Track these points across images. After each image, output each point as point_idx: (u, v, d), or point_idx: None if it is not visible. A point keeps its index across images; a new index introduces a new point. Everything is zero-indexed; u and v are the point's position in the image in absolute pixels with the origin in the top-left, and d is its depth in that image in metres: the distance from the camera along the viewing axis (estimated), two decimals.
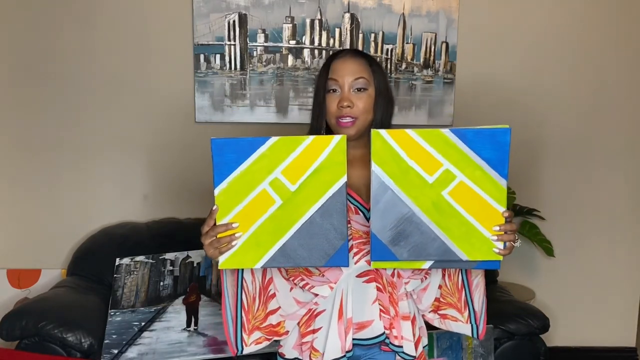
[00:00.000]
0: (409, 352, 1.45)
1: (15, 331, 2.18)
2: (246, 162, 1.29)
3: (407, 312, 1.48)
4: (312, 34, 2.82)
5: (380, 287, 1.44)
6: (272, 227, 1.29)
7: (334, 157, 1.27)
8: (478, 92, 2.91)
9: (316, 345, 1.45)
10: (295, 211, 1.29)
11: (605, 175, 2.99)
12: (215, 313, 2.39)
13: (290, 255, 1.30)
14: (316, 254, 1.29)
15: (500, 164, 1.27)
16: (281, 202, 1.29)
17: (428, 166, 1.27)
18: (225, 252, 1.32)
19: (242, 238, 1.30)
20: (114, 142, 2.82)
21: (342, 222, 1.28)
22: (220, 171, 1.29)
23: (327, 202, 1.28)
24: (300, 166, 1.28)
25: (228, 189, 1.29)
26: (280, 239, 1.29)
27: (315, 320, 1.46)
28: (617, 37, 2.91)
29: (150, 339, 2.29)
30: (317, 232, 1.29)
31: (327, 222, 1.28)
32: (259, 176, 1.29)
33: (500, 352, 2.34)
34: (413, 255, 1.30)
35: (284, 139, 1.29)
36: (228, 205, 1.30)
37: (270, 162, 1.29)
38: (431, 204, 1.28)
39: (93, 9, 2.74)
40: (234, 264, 1.33)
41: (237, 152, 1.29)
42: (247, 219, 1.30)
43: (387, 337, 1.43)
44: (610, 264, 3.04)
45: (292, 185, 1.28)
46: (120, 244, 2.64)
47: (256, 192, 1.29)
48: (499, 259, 1.31)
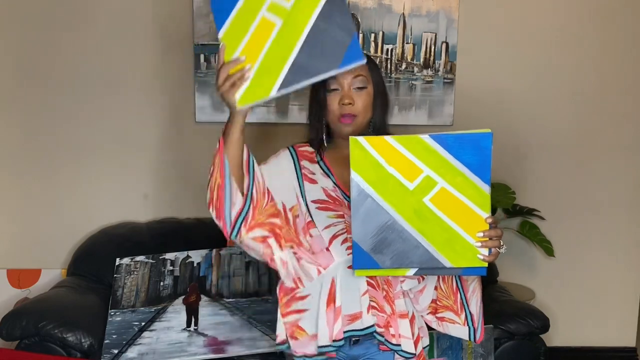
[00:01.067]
0: (407, 349, 1.45)
1: (15, 331, 2.18)
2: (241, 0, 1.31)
3: (404, 310, 1.48)
4: None
5: (372, 283, 1.45)
6: (278, 49, 1.29)
7: None
8: (478, 92, 2.91)
9: (303, 325, 1.45)
10: (297, 25, 1.28)
11: (605, 175, 2.99)
12: (215, 313, 2.39)
13: (303, 69, 1.28)
14: (329, 58, 1.27)
15: (483, 169, 1.25)
16: (281, 22, 1.29)
17: (408, 173, 1.25)
18: (240, 86, 1.31)
19: (252, 69, 1.30)
20: (114, 142, 2.82)
21: (345, 19, 1.27)
22: (220, 16, 1.31)
23: (325, 4, 1.27)
24: None
25: (231, 27, 1.31)
26: (289, 58, 1.28)
27: (298, 303, 1.47)
28: (618, 36, 2.91)
29: (150, 339, 2.29)
30: (324, 37, 1.27)
31: (331, 25, 1.27)
32: (256, 6, 1.30)
33: (500, 352, 2.34)
34: (396, 262, 1.29)
35: None
36: (233, 43, 1.31)
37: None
38: (412, 211, 1.26)
39: (93, 9, 2.74)
40: (250, 98, 1.31)
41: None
42: (253, 50, 1.30)
43: (384, 335, 1.43)
44: (610, 264, 3.04)
45: (287, 3, 1.29)
46: (120, 244, 2.64)
47: (257, 22, 1.30)
48: (484, 265, 1.29)
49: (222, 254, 2.57)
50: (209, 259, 2.56)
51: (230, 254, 2.57)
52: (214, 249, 2.58)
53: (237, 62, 1.31)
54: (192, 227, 2.75)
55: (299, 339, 1.46)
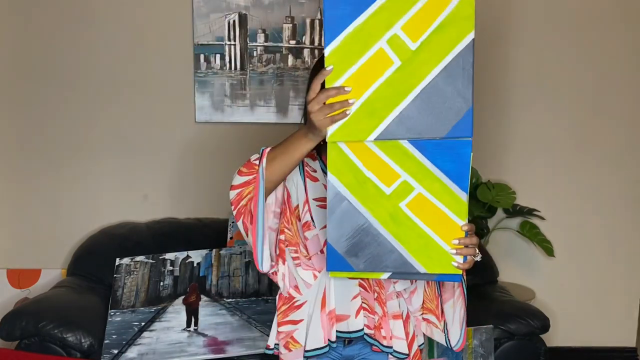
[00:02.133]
0: (400, 350, 1.45)
1: (15, 331, 2.18)
2: (362, 16, 1.14)
3: (397, 311, 1.47)
4: (312, 33, 2.82)
5: (364, 284, 1.44)
6: (388, 92, 1.15)
7: (461, 11, 1.11)
8: (478, 92, 2.89)
9: (296, 336, 1.44)
10: (416, 74, 1.14)
11: (605, 175, 2.99)
12: (215, 313, 2.39)
13: (408, 125, 1.16)
14: (438, 122, 1.15)
15: (461, 177, 1.20)
16: (400, 62, 1.14)
17: (385, 177, 1.21)
18: (334, 122, 1.17)
19: (355, 105, 1.16)
20: (114, 142, 2.82)
21: (467, 86, 1.14)
22: (332, 27, 1.13)
23: (451, 62, 1.13)
24: (423, 21, 1.12)
25: (340, 47, 1.15)
26: (397, 106, 1.15)
27: (296, 312, 1.46)
28: (618, 36, 2.91)
29: (150, 339, 2.29)
30: (439, 98, 1.14)
31: (450, 86, 1.13)
32: (376, 32, 1.13)
33: (500, 352, 2.33)
34: (370, 266, 1.26)
35: None
36: (340, 67, 1.15)
37: (389, 16, 1.13)
38: (388, 216, 1.23)
39: (93, 9, 2.74)
40: (344, 136, 1.18)
41: (352, 3, 1.14)
42: (361, 83, 1.15)
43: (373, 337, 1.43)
44: (610, 264, 3.04)
45: (412, 43, 1.13)
46: (120, 244, 2.64)
47: (372, 52, 1.14)
48: (459, 272, 1.26)
49: (222, 254, 2.57)
50: (209, 259, 2.55)
51: (230, 254, 2.57)
52: (214, 249, 2.58)
53: (340, 92, 1.15)
54: (192, 227, 2.75)
55: (292, 351, 1.45)
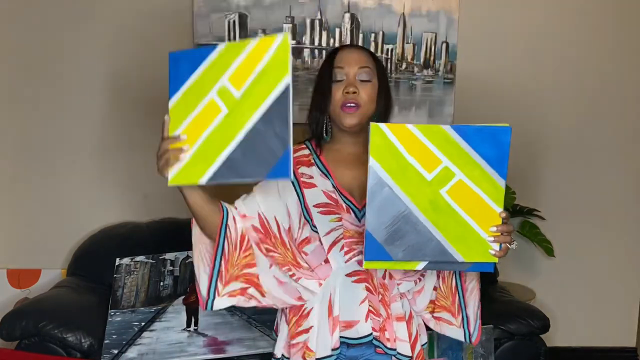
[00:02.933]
0: (403, 352, 1.44)
1: (15, 331, 2.18)
2: (197, 71, 1.25)
3: (401, 313, 1.47)
4: (312, 34, 2.82)
5: (370, 288, 1.44)
6: (218, 138, 1.22)
7: (278, 57, 1.16)
8: (478, 92, 2.91)
9: (310, 345, 1.44)
10: (240, 119, 1.20)
11: (605, 175, 2.99)
12: (215, 313, 2.39)
13: (234, 168, 1.21)
14: (259, 165, 1.19)
15: (500, 163, 1.24)
16: (227, 110, 1.21)
17: (427, 163, 1.23)
18: (172, 165, 1.28)
19: (190, 151, 1.25)
20: (114, 142, 2.82)
21: (284, 129, 1.16)
22: (175, 83, 1.27)
23: (270, 106, 1.17)
24: (245, 70, 1.20)
25: (180, 101, 1.27)
26: (224, 150, 1.21)
27: (307, 320, 1.46)
28: (618, 36, 2.91)
29: (150, 339, 2.29)
30: (260, 141, 1.18)
31: (269, 129, 1.17)
32: (208, 85, 1.23)
33: (500, 352, 2.34)
34: (408, 255, 1.26)
35: (231, 44, 1.22)
36: (179, 118, 1.27)
37: (218, 70, 1.22)
38: (428, 202, 1.24)
39: (92, 9, 2.74)
40: (181, 179, 1.27)
41: (190, 62, 1.26)
42: (195, 131, 1.24)
43: (379, 339, 1.42)
44: (610, 264, 3.04)
45: (237, 92, 1.21)
46: (120, 244, 2.64)
47: (205, 102, 1.24)
48: (495, 260, 1.27)
49: None
50: None
51: None
52: None
53: (176, 140, 1.27)
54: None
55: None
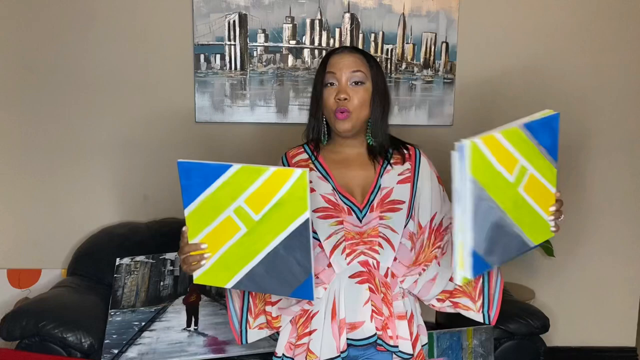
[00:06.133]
0: (405, 350, 1.45)
1: (15, 331, 2.18)
2: (211, 188, 1.28)
3: (402, 311, 1.48)
4: (312, 34, 2.82)
5: (372, 288, 1.44)
6: (239, 252, 1.30)
7: (295, 192, 1.23)
8: (478, 92, 2.91)
9: (312, 348, 1.45)
10: (260, 240, 1.28)
11: (605, 175, 2.99)
12: (215, 313, 2.39)
13: (257, 282, 1.30)
14: (282, 284, 1.28)
15: (553, 148, 1.32)
16: (246, 229, 1.28)
17: (509, 166, 1.23)
18: (196, 269, 1.33)
19: (212, 258, 1.32)
20: (114, 142, 2.82)
21: (306, 258, 1.25)
22: (189, 193, 1.29)
23: (290, 235, 1.25)
24: (263, 197, 1.26)
25: (197, 210, 1.30)
26: (247, 265, 1.29)
27: (312, 322, 1.47)
28: (619, 36, 2.91)
29: (150, 339, 2.30)
30: (282, 264, 1.27)
31: (290, 256, 1.26)
32: (224, 203, 1.28)
33: (500, 352, 2.34)
34: (501, 258, 1.26)
35: (245, 168, 1.25)
36: (198, 226, 1.31)
37: (233, 190, 1.27)
38: (512, 203, 1.24)
39: (93, 9, 2.74)
40: (206, 281, 1.35)
41: (202, 176, 1.28)
42: (215, 241, 1.31)
43: (381, 337, 1.43)
44: (610, 264, 3.04)
45: (255, 215, 1.27)
46: (120, 244, 2.64)
47: (222, 218, 1.29)
48: (553, 235, 1.37)
49: None
50: None
51: None
52: None
53: (197, 248, 1.32)
54: None
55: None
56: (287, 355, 1.50)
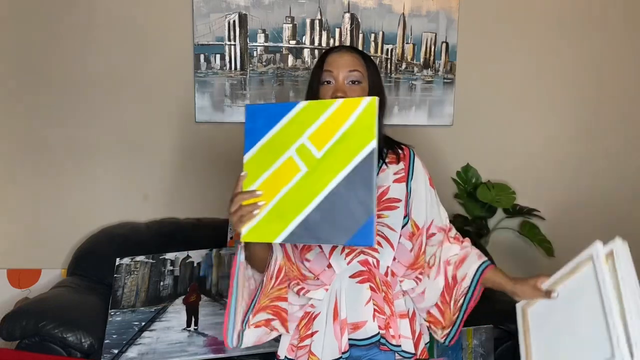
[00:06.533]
0: (407, 349, 1.45)
1: (15, 331, 2.18)
2: (275, 128, 1.22)
3: (404, 309, 1.48)
4: (312, 34, 2.82)
5: (373, 287, 1.44)
6: (296, 197, 1.20)
7: (363, 121, 1.16)
8: (478, 92, 2.91)
9: (314, 350, 1.44)
10: (320, 181, 1.19)
11: (605, 175, 2.99)
12: (215, 313, 2.39)
13: (312, 230, 1.19)
14: (339, 230, 1.17)
15: None
16: (306, 170, 1.20)
17: None
18: (247, 222, 1.26)
19: (265, 208, 1.23)
20: (114, 142, 2.82)
21: (368, 195, 1.15)
22: (251, 137, 1.24)
23: (353, 171, 1.16)
24: (328, 131, 1.19)
25: (257, 155, 1.24)
26: (303, 211, 1.20)
27: (313, 324, 1.46)
28: (618, 36, 2.91)
29: (150, 339, 2.29)
30: (341, 206, 1.17)
31: (352, 195, 1.16)
32: (287, 142, 1.22)
33: (500, 352, 2.33)
34: None
35: (313, 102, 1.22)
36: (255, 173, 1.24)
37: (298, 127, 1.21)
38: None
39: (93, 10, 2.74)
40: (255, 237, 1.25)
41: (268, 117, 1.23)
42: (272, 188, 1.22)
43: (384, 337, 1.43)
44: None
45: (318, 152, 1.20)
46: (120, 244, 2.64)
47: (283, 159, 1.22)
48: None
49: (222, 254, 2.57)
50: (209, 259, 2.56)
51: (230, 254, 2.57)
52: (214, 249, 2.58)
53: (252, 196, 1.25)
54: (192, 227, 2.75)
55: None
56: (289, 357, 1.50)
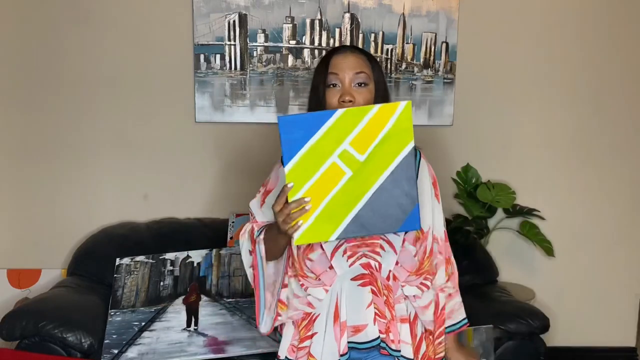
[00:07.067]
0: (406, 355, 1.44)
1: (15, 331, 2.18)
2: (315, 137, 1.28)
3: (405, 314, 1.47)
4: (312, 34, 2.82)
5: (375, 290, 1.43)
6: (343, 198, 1.30)
7: (400, 124, 1.28)
8: (478, 92, 2.91)
9: (313, 351, 1.44)
10: (366, 181, 1.30)
11: (605, 175, 2.99)
12: (215, 313, 2.39)
13: (364, 224, 1.31)
14: (389, 220, 1.31)
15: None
16: (351, 173, 1.30)
17: None
18: (297, 229, 1.31)
19: (315, 212, 1.31)
20: (114, 142, 2.82)
21: (412, 187, 1.30)
22: (289, 148, 1.29)
23: (396, 169, 1.29)
24: (368, 136, 1.29)
25: (298, 165, 1.29)
26: (353, 210, 1.31)
27: (314, 325, 1.46)
28: (618, 36, 2.91)
29: (150, 339, 2.29)
30: (389, 199, 1.30)
31: (397, 189, 1.30)
32: (328, 149, 1.29)
33: (500, 352, 2.33)
34: None
35: (350, 110, 1.29)
36: (299, 182, 1.30)
37: (338, 134, 1.29)
38: None
39: (93, 10, 2.74)
40: (309, 239, 1.34)
41: (304, 128, 1.28)
42: (318, 193, 1.30)
43: (384, 340, 1.42)
44: (610, 264, 3.04)
45: (360, 156, 1.29)
46: (120, 244, 2.64)
47: (326, 166, 1.30)
48: None
49: (222, 254, 2.57)
50: (209, 259, 2.56)
51: (230, 254, 2.57)
52: (214, 249, 2.58)
53: (300, 204, 1.30)
54: (192, 227, 2.75)
55: None
56: (290, 358, 1.49)
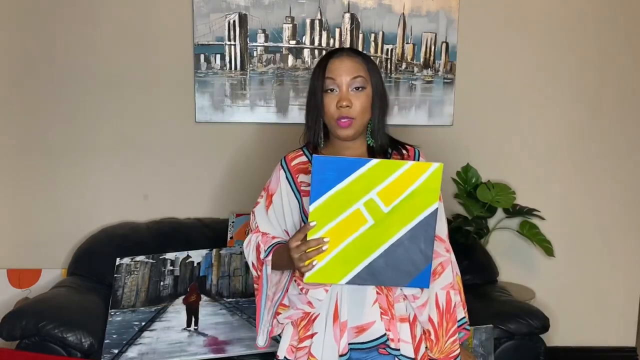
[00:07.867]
0: (406, 354, 1.44)
1: (15, 331, 2.18)
2: (345, 181, 1.30)
3: (404, 314, 1.47)
4: (312, 34, 2.82)
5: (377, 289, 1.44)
6: (361, 245, 1.32)
7: (429, 184, 1.29)
8: (478, 92, 2.91)
9: (313, 351, 1.44)
10: (386, 232, 1.31)
11: (605, 175, 2.99)
12: (215, 313, 2.39)
13: (375, 274, 1.33)
14: (401, 274, 1.33)
15: None
16: (373, 222, 1.31)
17: None
18: (311, 267, 1.32)
19: (330, 254, 1.32)
20: (114, 142, 2.82)
21: (429, 246, 1.31)
22: (319, 188, 1.30)
23: (417, 226, 1.31)
24: (396, 189, 1.30)
25: (324, 205, 1.31)
26: (367, 258, 1.32)
27: (313, 325, 1.46)
28: (618, 37, 2.91)
29: (150, 338, 2.29)
30: (404, 254, 1.31)
31: (414, 245, 1.31)
32: (356, 195, 1.31)
33: (500, 352, 2.33)
34: None
35: (384, 161, 1.31)
36: (322, 221, 1.32)
37: (367, 183, 1.30)
38: None
39: (93, 10, 2.74)
40: (319, 279, 1.34)
41: (337, 170, 1.30)
42: (338, 236, 1.32)
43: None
44: (610, 264, 3.04)
45: (385, 207, 1.31)
46: (120, 244, 2.64)
47: (350, 211, 1.31)
48: None
49: (222, 254, 2.57)
50: (209, 259, 2.56)
51: (230, 254, 2.57)
52: (214, 249, 2.58)
53: (319, 243, 1.31)
54: (192, 227, 2.75)
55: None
56: (289, 358, 1.49)
